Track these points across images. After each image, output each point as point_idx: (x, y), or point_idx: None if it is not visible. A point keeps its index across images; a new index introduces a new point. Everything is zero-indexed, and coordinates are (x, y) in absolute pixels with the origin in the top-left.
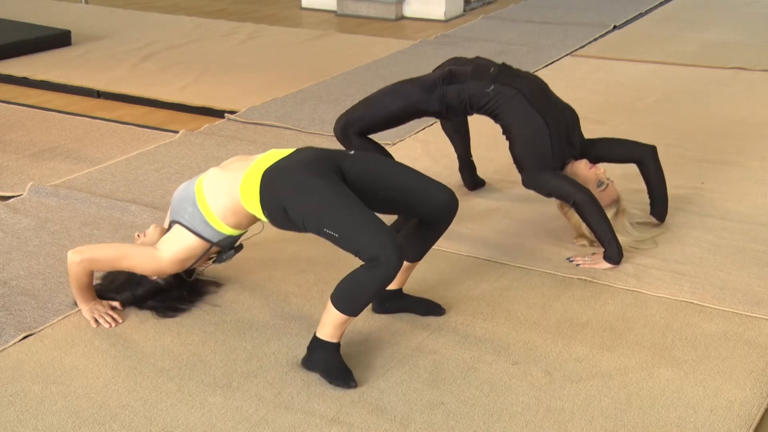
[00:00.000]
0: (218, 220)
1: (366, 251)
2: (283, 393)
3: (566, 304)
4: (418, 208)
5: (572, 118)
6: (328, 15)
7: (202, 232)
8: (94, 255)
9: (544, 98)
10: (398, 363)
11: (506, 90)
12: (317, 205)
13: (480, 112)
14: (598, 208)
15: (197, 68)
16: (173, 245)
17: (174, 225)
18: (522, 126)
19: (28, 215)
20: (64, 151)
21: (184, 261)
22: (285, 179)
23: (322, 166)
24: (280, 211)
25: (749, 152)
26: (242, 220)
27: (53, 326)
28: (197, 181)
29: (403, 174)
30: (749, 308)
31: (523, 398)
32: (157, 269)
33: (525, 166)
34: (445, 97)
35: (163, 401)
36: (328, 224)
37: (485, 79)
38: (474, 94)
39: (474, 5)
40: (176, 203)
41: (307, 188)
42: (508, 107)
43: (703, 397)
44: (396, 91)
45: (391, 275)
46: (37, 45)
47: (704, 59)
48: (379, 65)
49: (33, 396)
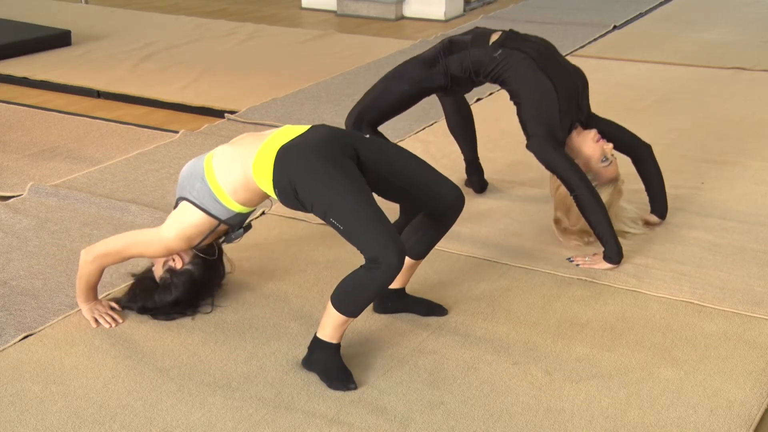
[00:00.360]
0: (227, 196)
1: (367, 251)
2: (283, 393)
3: (566, 304)
4: (425, 201)
5: (582, 81)
6: (328, 15)
7: (210, 208)
8: (105, 249)
9: (552, 61)
10: (398, 363)
11: (514, 54)
12: (328, 192)
13: (487, 79)
14: (600, 206)
15: (197, 68)
16: (179, 222)
17: (181, 202)
18: (530, 90)
19: (28, 215)
20: (64, 151)
21: (191, 238)
22: (300, 159)
23: (338, 149)
24: (290, 191)
25: (749, 152)
26: (252, 197)
27: (53, 326)
28: (206, 157)
29: (415, 165)
30: (749, 308)
31: (523, 398)
32: (165, 248)
33: (532, 132)
34: (448, 68)
35: (163, 401)
36: (335, 215)
37: (487, 45)
38: (478, 59)
39: (474, 5)
40: (184, 179)
41: (320, 173)
42: (516, 71)
43: (703, 397)
44: (398, 75)
45: (390, 278)
46: (37, 45)
47: (704, 59)
48: (379, 65)
49: (33, 396)
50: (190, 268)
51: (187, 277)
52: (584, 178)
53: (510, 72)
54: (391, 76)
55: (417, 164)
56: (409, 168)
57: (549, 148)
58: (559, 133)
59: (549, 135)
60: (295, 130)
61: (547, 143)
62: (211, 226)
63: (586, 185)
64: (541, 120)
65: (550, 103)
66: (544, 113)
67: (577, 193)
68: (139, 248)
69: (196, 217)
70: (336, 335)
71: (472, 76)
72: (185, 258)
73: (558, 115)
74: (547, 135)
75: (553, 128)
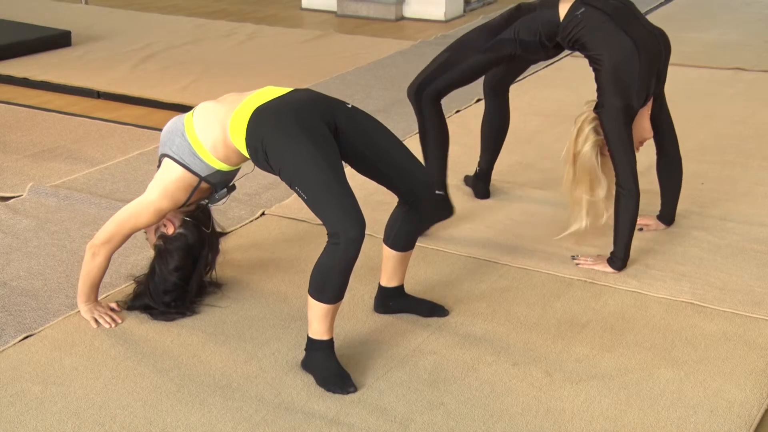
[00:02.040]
0: (207, 151)
1: (329, 225)
2: (283, 394)
3: (566, 304)
4: (396, 180)
5: (665, 45)
6: (328, 15)
7: (190, 164)
8: (104, 236)
9: (634, 21)
10: (398, 363)
11: (596, 14)
12: (296, 159)
13: (564, 43)
14: (635, 209)
15: (197, 69)
16: (161, 180)
17: (163, 159)
18: (611, 55)
19: (28, 216)
20: (64, 152)
21: (174, 195)
22: (273, 121)
23: (315, 114)
24: (261, 153)
25: (749, 152)
26: (230, 155)
27: (53, 327)
28: (187, 114)
29: (392, 143)
30: (749, 309)
31: (523, 399)
32: (154, 211)
33: (607, 102)
34: (517, 33)
35: (163, 402)
36: (300, 183)
37: (557, 7)
38: (550, 20)
39: (474, 6)
40: (164, 136)
41: (291, 139)
42: (597, 34)
43: (703, 398)
44: (463, 44)
45: (353, 251)
46: (37, 45)
47: (704, 60)
48: (379, 66)
49: (33, 397)
50: (183, 231)
51: (181, 241)
52: (635, 172)
53: (590, 35)
54: (456, 45)
55: (394, 143)
56: (386, 144)
57: (620, 125)
58: (635, 103)
59: (624, 109)
60: (275, 92)
61: (618, 118)
62: (192, 182)
63: (635, 181)
64: (618, 90)
65: (630, 70)
66: (623, 82)
67: (623, 187)
68: (132, 220)
69: (177, 173)
70: (323, 329)
71: (543, 39)
72: (176, 222)
73: (637, 83)
74: (621, 108)
75: (629, 99)
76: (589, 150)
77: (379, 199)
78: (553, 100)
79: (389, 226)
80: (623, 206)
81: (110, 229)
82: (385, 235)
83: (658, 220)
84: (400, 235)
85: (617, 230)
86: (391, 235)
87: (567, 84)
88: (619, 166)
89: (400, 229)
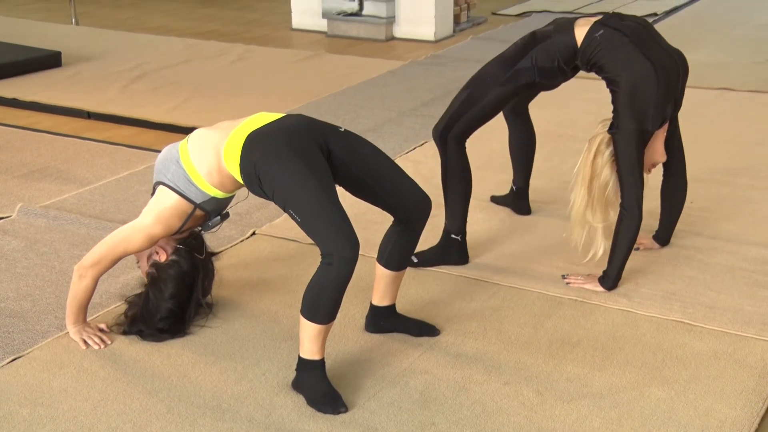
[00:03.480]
0: (202, 178)
1: (322, 245)
2: (274, 414)
3: (557, 323)
4: (390, 201)
5: (683, 66)
6: (318, 36)
7: (185, 191)
8: (93, 258)
9: (652, 43)
10: (389, 383)
11: (615, 36)
12: (289, 181)
13: (583, 66)
14: (635, 235)
15: (188, 89)
16: (155, 206)
17: (157, 187)
18: (629, 77)
19: (17, 236)
20: (53, 172)
21: (168, 222)
22: (266, 147)
23: (307, 138)
24: (255, 177)
25: (737, 172)
26: (225, 182)
27: (41, 348)
28: (182, 142)
29: (385, 164)
30: (739, 327)
31: (514, 418)
32: (146, 236)
33: (623, 125)
34: (535, 60)
35: (152, 423)
36: (294, 206)
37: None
38: (567, 45)
39: (463, 26)
40: (159, 164)
41: (283, 161)
42: (615, 56)
43: (694, 417)
44: (481, 79)
45: (346, 272)
46: (27, 66)
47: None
48: (369, 86)
49: (21, 419)
50: (176, 258)
51: (174, 269)
52: (641, 197)
53: (609, 57)
54: (474, 81)
55: (387, 164)
56: (378, 166)
57: (633, 148)
58: (650, 126)
59: (638, 132)
60: (268, 117)
61: (632, 142)
62: (187, 210)
63: (639, 206)
64: (634, 113)
65: (648, 93)
66: (640, 105)
67: (627, 210)
68: (124, 245)
69: (172, 200)
70: (315, 349)
71: (562, 64)
72: (168, 250)
73: (653, 107)
74: (636, 131)
75: (644, 123)
76: (609, 173)
77: (370, 218)
78: (543, 119)
79: (383, 245)
80: (624, 228)
81: (100, 252)
82: (379, 254)
83: (653, 240)
84: (394, 254)
85: (614, 251)
86: (384, 254)
87: (556, 103)
88: (626, 189)
89: (394, 247)
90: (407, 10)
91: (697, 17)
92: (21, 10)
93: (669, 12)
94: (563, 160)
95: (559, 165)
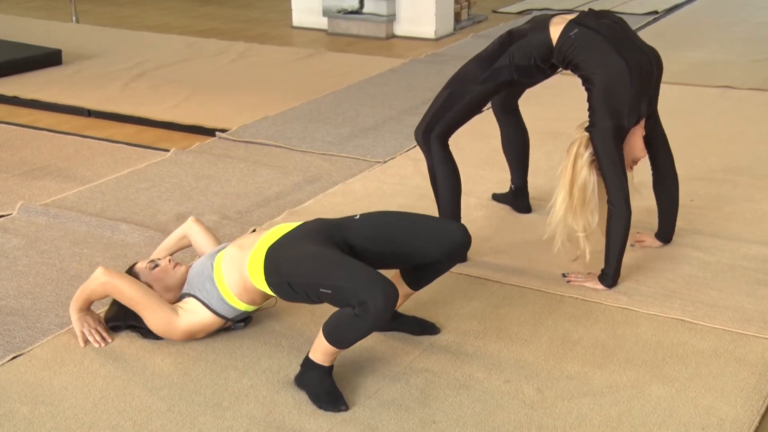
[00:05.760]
0: (234, 297)
1: (355, 298)
2: (275, 412)
3: (558, 321)
4: (431, 253)
5: (657, 65)
6: (318, 34)
7: (218, 308)
8: (120, 287)
9: (627, 41)
10: (390, 381)
11: (589, 34)
12: (311, 270)
13: (559, 64)
14: (627, 228)
15: (188, 87)
16: (192, 317)
17: (188, 297)
18: (603, 75)
19: (17, 235)
20: (54, 170)
21: (195, 334)
22: (286, 256)
23: (324, 238)
24: (285, 285)
25: (738, 170)
26: (255, 297)
27: (42, 346)
28: (216, 257)
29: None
30: (740, 325)
31: (515, 416)
32: (166, 332)
33: (599, 123)
34: (512, 58)
35: (153, 421)
36: (323, 284)
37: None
38: (542, 43)
39: (464, 24)
40: (194, 276)
41: (303, 258)
42: (589, 54)
43: (695, 415)
44: (461, 78)
45: (379, 321)
46: (27, 64)
47: (692, 78)
48: (369, 84)
49: (21, 417)
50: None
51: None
52: (626, 192)
53: (584, 56)
54: (454, 81)
55: (412, 223)
56: (402, 233)
57: (611, 145)
58: (626, 123)
59: (615, 129)
60: (285, 228)
61: (609, 138)
62: (217, 325)
63: (626, 201)
64: (609, 110)
65: (622, 90)
66: (615, 102)
67: (615, 205)
68: (147, 313)
69: (206, 316)
70: (327, 360)
71: (538, 62)
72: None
73: (628, 104)
74: (612, 129)
75: (620, 119)
76: (588, 173)
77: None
78: (541, 118)
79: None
80: (614, 224)
81: (129, 292)
82: (405, 272)
83: (655, 237)
84: (423, 278)
85: (608, 248)
86: (414, 275)
87: (556, 102)
88: (610, 186)
89: (427, 273)
90: (408, 8)
91: (698, 15)
92: (21, 8)
93: (669, 10)
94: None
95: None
